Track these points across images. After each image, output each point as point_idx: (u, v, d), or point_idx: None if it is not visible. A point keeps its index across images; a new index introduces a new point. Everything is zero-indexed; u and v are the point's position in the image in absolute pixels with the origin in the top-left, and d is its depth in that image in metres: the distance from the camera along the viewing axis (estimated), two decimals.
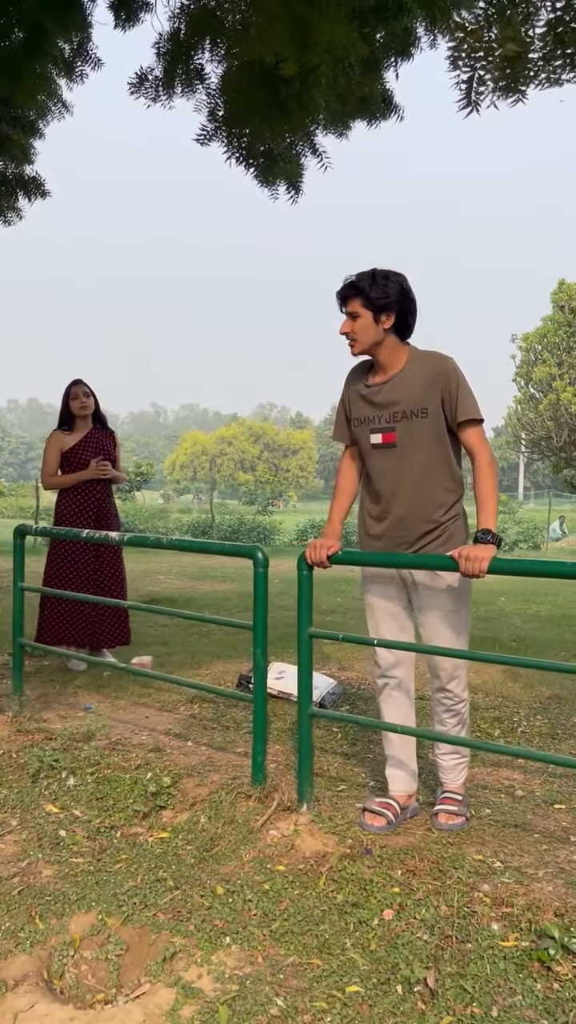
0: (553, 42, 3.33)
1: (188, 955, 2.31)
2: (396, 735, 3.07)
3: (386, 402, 2.85)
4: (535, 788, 3.43)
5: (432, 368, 2.81)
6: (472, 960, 2.27)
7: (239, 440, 66.47)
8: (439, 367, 2.81)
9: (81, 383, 5.38)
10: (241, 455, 65.13)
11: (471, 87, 3.72)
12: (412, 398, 2.81)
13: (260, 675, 3.26)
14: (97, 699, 4.74)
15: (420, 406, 2.79)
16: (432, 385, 2.78)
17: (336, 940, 2.40)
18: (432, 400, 2.78)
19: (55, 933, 2.41)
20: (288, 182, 6.78)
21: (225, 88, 5.72)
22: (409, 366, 2.84)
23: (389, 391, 2.85)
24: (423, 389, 2.79)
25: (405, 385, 2.82)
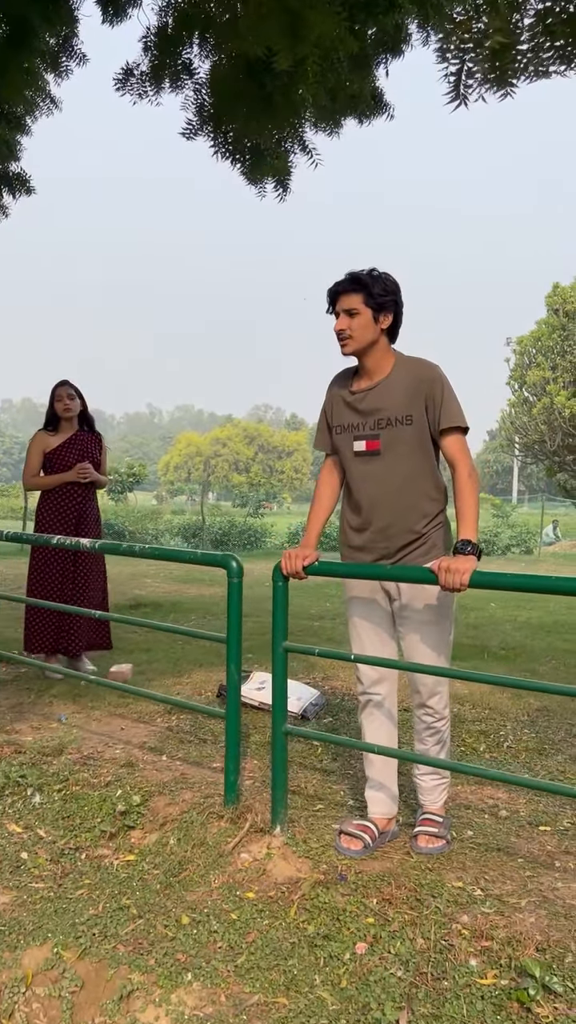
0: (542, 33, 3.20)
1: (146, 993, 2.18)
2: (377, 757, 2.94)
3: (371, 409, 2.73)
4: (520, 808, 3.30)
5: (418, 375, 2.69)
6: (448, 1000, 2.14)
7: (234, 441, 66.33)
8: (425, 374, 2.69)
9: (66, 384, 5.25)
10: (236, 456, 64.98)
11: (459, 80, 3.59)
12: (397, 405, 2.69)
13: (233, 690, 3.12)
14: (73, 709, 4.60)
15: (405, 413, 2.67)
16: (417, 392, 2.67)
17: (305, 976, 2.26)
18: (417, 407, 2.67)
19: (6, 968, 2.27)
20: (276, 179, 6.65)
21: (212, 83, 5.59)
22: (395, 372, 2.72)
23: (374, 398, 2.73)
24: (408, 396, 2.68)
25: (391, 392, 2.70)
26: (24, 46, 6.18)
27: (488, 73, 3.45)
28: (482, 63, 3.54)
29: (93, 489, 5.41)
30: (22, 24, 6.02)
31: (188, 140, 5.89)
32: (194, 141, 5.93)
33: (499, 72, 3.41)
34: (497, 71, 3.40)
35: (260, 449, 67.29)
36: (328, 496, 2.98)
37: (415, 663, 2.75)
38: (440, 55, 3.61)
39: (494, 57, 3.33)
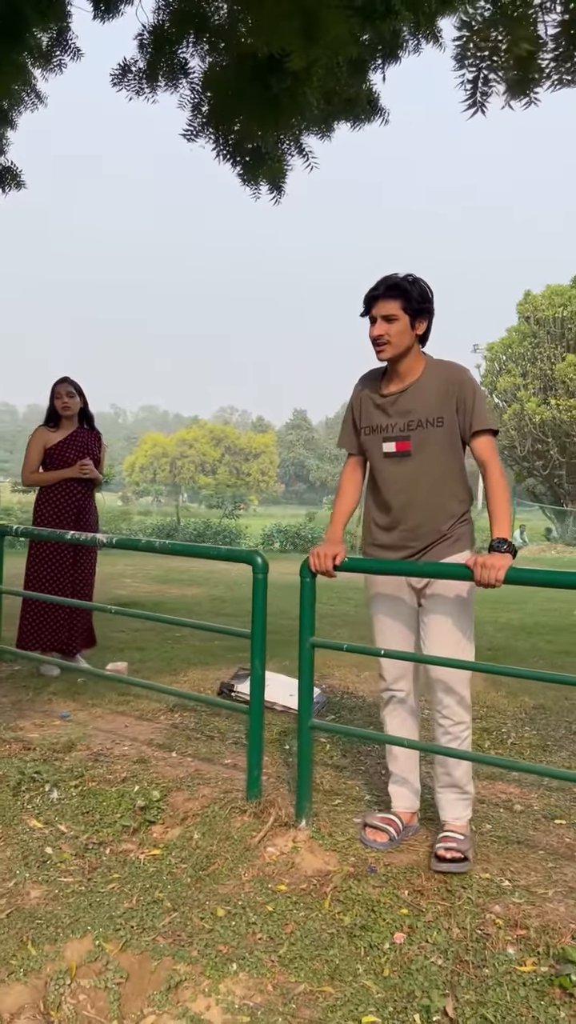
0: (567, 43, 3.27)
1: (194, 984, 2.19)
2: (400, 751, 2.97)
3: (402, 411, 2.78)
4: (532, 802, 3.36)
5: (448, 377, 2.75)
6: (490, 987, 2.18)
7: (200, 443, 66.09)
8: (455, 377, 2.75)
9: (67, 382, 5.23)
10: (202, 458, 64.76)
11: (476, 87, 3.65)
12: (429, 407, 2.73)
13: (257, 685, 3.14)
14: (73, 707, 4.58)
15: (436, 415, 2.72)
16: (448, 394, 2.72)
17: (347, 966, 2.29)
18: (448, 409, 2.72)
19: (49, 960, 2.27)
20: (271, 182, 6.68)
21: (213, 83, 5.60)
22: (426, 375, 2.77)
23: (406, 400, 2.77)
24: (440, 398, 2.73)
25: (422, 394, 2.75)
26: (17, 40, 6.15)
27: (510, 82, 3.50)
28: (501, 71, 3.60)
29: (92, 486, 5.40)
30: (15, 18, 5.99)
31: (189, 141, 5.89)
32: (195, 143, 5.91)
33: (519, 81, 3.47)
34: (519, 80, 3.46)
35: (227, 451, 67.16)
36: (352, 494, 3.02)
37: (440, 656, 2.77)
38: (458, 61, 3.65)
39: (519, 65, 3.39)
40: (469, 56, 3.70)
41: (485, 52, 3.71)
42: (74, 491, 5.25)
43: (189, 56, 6.18)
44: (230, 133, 5.82)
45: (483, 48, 3.67)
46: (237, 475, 63.37)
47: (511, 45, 3.37)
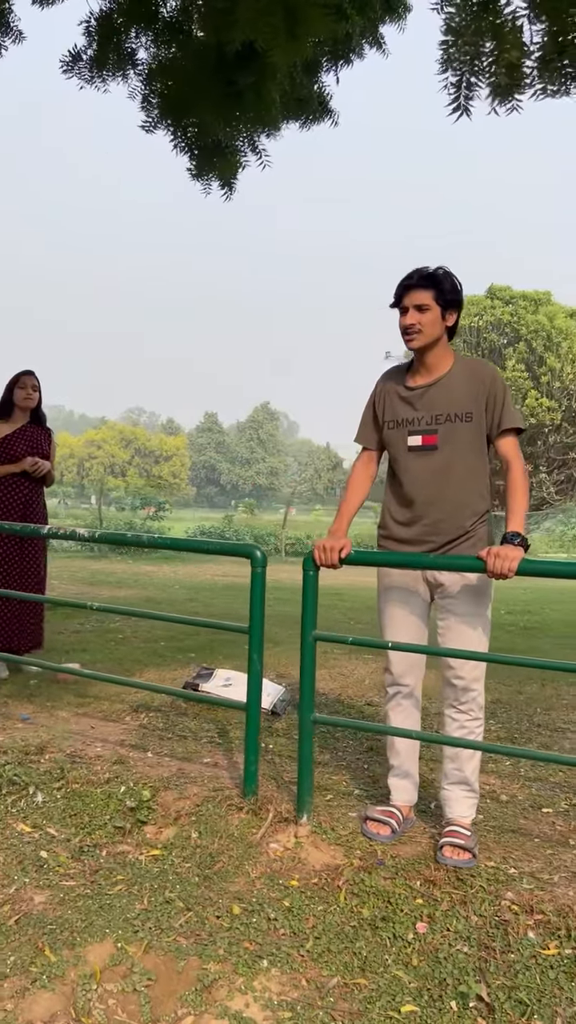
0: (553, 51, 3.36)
1: (228, 982, 2.15)
2: (402, 745, 2.98)
3: (430, 404, 2.79)
4: (516, 792, 3.44)
5: (478, 373, 2.78)
6: (519, 971, 2.21)
7: (109, 444, 65.07)
8: (487, 373, 2.78)
9: (32, 374, 5.07)
10: (111, 460, 63.75)
11: (460, 90, 3.71)
12: (458, 401, 2.75)
13: (255, 680, 3.11)
14: (31, 709, 4.43)
15: (465, 410, 2.74)
16: (479, 390, 2.75)
17: (376, 957, 2.29)
18: (477, 405, 2.74)
19: (71, 965, 2.18)
20: (222, 178, 6.64)
21: (172, 75, 5.53)
22: (455, 369, 2.79)
23: (435, 393, 2.78)
24: (470, 393, 2.75)
25: (451, 388, 2.77)
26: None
27: (495, 86, 3.58)
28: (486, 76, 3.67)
29: (41, 483, 5.24)
30: None
31: (148, 133, 5.80)
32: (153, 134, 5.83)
33: (505, 87, 3.55)
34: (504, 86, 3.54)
35: (137, 453, 66.32)
36: (362, 489, 3.02)
37: (453, 648, 2.79)
38: (442, 65, 3.71)
39: (504, 72, 3.46)
40: (453, 60, 3.77)
41: (467, 56, 3.79)
42: (21, 486, 5.08)
43: (138, 46, 6.10)
44: (189, 126, 5.76)
45: (467, 53, 3.74)
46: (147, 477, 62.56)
47: (501, 52, 3.44)
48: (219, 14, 4.53)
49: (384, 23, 6.21)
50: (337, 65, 6.38)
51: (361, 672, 5.68)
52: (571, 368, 18.85)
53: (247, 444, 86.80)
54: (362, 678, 5.51)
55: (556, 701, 5.06)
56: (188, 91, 5.50)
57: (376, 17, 6.09)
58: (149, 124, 5.76)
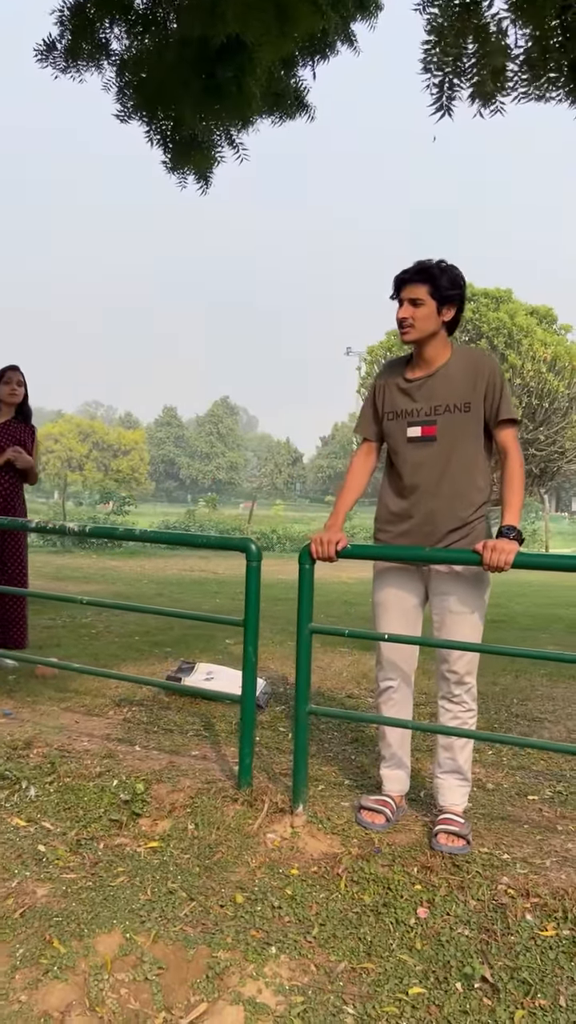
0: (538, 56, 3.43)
1: (239, 969, 2.18)
2: (394, 736, 3.03)
3: (428, 395, 2.82)
4: (501, 781, 3.52)
5: (477, 364, 2.81)
6: (520, 952, 2.28)
7: (66, 438, 64.33)
8: (486, 363, 2.81)
9: (17, 370, 5.03)
10: (69, 453, 63.06)
11: (442, 91, 3.77)
12: (456, 392, 2.79)
13: (250, 672, 3.13)
14: (11, 704, 4.40)
15: (464, 400, 2.78)
16: (478, 380, 2.78)
17: (380, 942, 2.34)
18: (476, 395, 2.78)
19: (81, 956, 2.19)
20: (198, 172, 6.63)
21: (150, 67, 5.50)
22: (453, 360, 2.83)
23: (433, 384, 2.82)
24: (468, 384, 2.79)
25: (450, 379, 2.81)
26: None
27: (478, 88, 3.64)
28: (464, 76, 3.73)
29: (20, 479, 5.20)
30: None
31: (122, 123, 5.77)
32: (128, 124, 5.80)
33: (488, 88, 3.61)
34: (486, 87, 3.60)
35: (95, 447, 65.68)
36: (361, 482, 3.05)
37: (448, 640, 2.85)
38: (424, 65, 3.76)
39: (492, 77, 3.52)
40: (435, 61, 3.82)
41: (450, 58, 3.84)
42: (3, 481, 5.04)
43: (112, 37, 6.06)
44: (166, 118, 5.74)
45: (449, 54, 3.80)
46: (106, 472, 62.04)
47: (485, 57, 3.50)
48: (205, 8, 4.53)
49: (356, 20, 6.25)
50: (314, 61, 6.40)
51: (339, 665, 5.73)
52: (532, 365, 19.10)
53: (206, 438, 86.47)
54: (340, 671, 5.57)
55: (531, 692, 5.17)
56: (165, 83, 5.48)
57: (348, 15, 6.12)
58: (123, 114, 5.74)
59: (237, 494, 75.62)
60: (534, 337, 19.49)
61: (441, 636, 2.88)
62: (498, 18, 3.59)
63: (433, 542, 2.84)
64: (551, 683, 5.46)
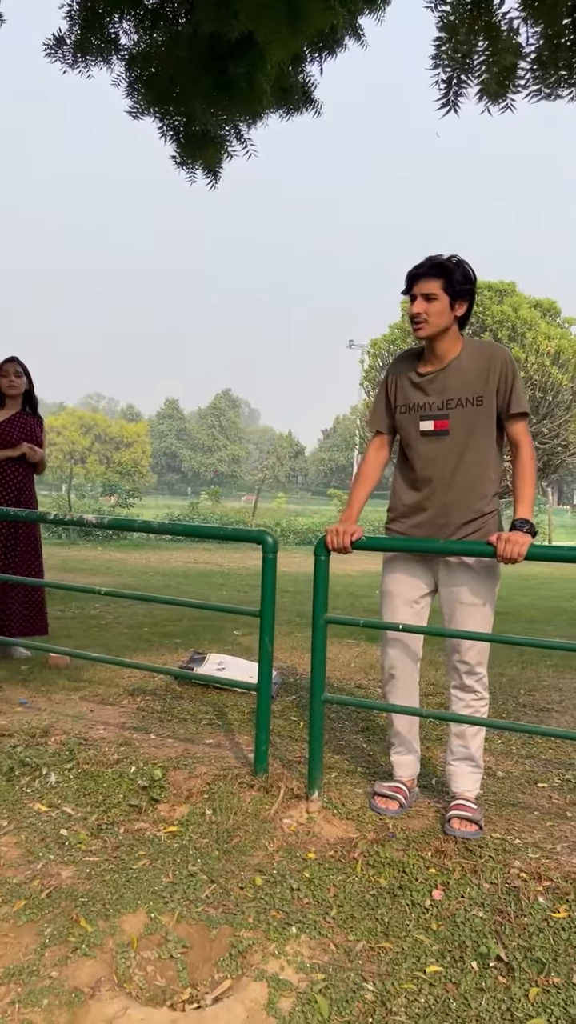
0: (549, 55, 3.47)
1: (262, 947, 2.24)
2: (402, 724, 3.10)
3: (441, 389, 2.87)
4: (511, 769, 3.58)
5: (490, 357, 2.85)
6: (533, 933, 2.34)
7: (68, 430, 64.35)
8: (498, 356, 2.85)
9: (14, 361, 5.08)
10: (71, 446, 63.11)
11: (450, 87, 3.81)
12: (469, 386, 2.83)
13: (266, 661, 3.20)
14: (27, 694, 4.47)
15: (476, 394, 2.82)
16: (490, 373, 2.82)
17: (397, 923, 2.40)
18: (489, 389, 2.82)
19: (108, 935, 2.26)
20: (207, 166, 6.67)
21: (162, 62, 5.54)
22: (465, 354, 2.87)
23: (445, 378, 2.86)
24: (480, 377, 2.83)
25: (462, 373, 2.85)
26: None
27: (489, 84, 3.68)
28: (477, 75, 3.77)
29: (32, 470, 5.27)
30: None
31: (135, 119, 5.81)
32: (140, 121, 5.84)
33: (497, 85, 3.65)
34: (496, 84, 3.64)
35: (97, 439, 65.72)
36: (374, 474, 3.11)
37: (457, 630, 2.91)
38: (433, 61, 3.80)
39: (502, 75, 3.56)
40: (444, 57, 3.86)
41: (459, 55, 3.88)
42: (16, 473, 5.11)
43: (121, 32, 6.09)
44: (178, 114, 5.78)
45: (459, 51, 3.84)
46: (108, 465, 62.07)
47: (496, 55, 3.54)
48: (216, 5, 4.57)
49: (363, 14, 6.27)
50: (322, 56, 6.43)
51: (347, 656, 5.80)
52: (535, 358, 19.13)
53: (208, 431, 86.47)
54: (348, 661, 5.63)
55: (537, 683, 5.23)
56: (177, 79, 5.52)
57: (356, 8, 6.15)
58: (136, 111, 5.77)
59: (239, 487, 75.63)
60: (538, 330, 19.51)
61: (452, 627, 2.93)
62: (509, 16, 3.62)
63: (447, 534, 2.90)
64: (557, 674, 5.53)
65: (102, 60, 6.11)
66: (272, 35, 4.00)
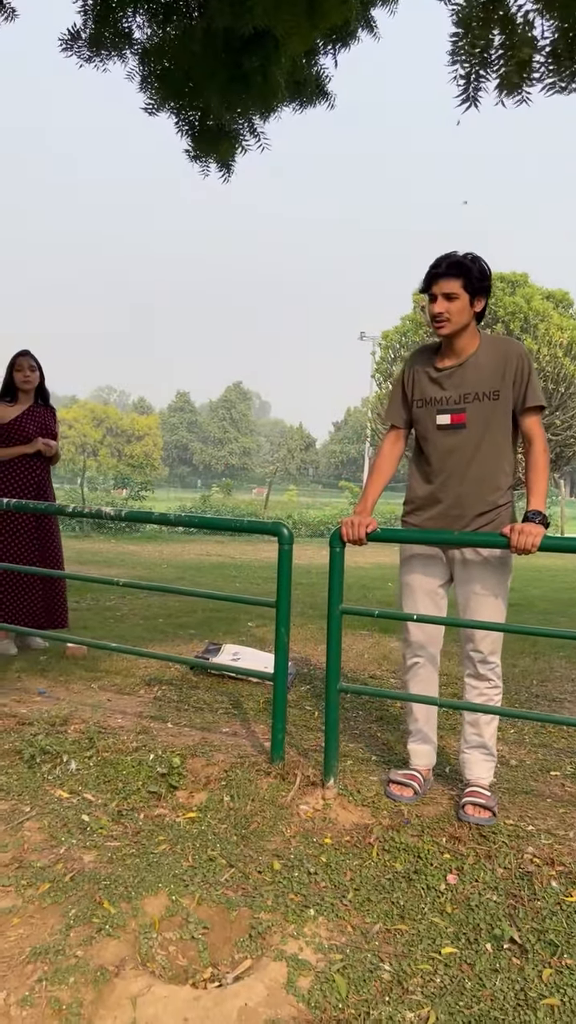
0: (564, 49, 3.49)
1: (281, 929, 2.30)
2: (421, 712, 3.14)
3: (458, 384, 2.91)
4: (524, 758, 3.63)
5: (505, 352, 2.89)
6: (546, 916, 2.39)
7: (80, 423, 64.57)
8: (514, 351, 2.89)
9: (28, 355, 5.13)
10: (83, 439, 63.31)
11: (469, 82, 3.82)
12: (485, 380, 2.88)
13: (282, 651, 3.25)
14: (46, 683, 4.54)
15: (492, 388, 2.86)
16: (506, 368, 2.86)
17: (413, 906, 2.45)
18: (505, 383, 2.86)
19: (131, 916, 2.32)
20: (221, 160, 6.69)
21: (178, 56, 5.56)
22: (482, 349, 2.91)
23: (462, 373, 2.91)
24: (497, 372, 2.87)
25: (479, 367, 2.89)
26: None
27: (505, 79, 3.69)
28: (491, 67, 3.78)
29: (49, 463, 5.33)
30: None
31: (150, 115, 5.84)
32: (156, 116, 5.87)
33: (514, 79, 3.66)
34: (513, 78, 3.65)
35: (108, 432, 65.92)
36: (389, 467, 3.15)
37: (475, 620, 2.95)
38: (451, 56, 3.82)
39: (518, 69, 3.57)
40: (462, 52, 3.88)
41: (476, 49, 3.89)
42: (35, 467, 5.17)
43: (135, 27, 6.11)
44: (193, 108, 5.81)
45: (476, 45, 3.85)
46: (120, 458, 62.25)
47: (511, 49, 3.56)
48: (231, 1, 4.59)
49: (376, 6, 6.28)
50: (336, 48, 6.44)
51: (360, 647, 5.84)
52: (548, 350, 19.09)
53: (219, 424, 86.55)
54: (361, 652, 5.68)
55: (550, 673, 5.27)
56: (192, 73, 5.55)
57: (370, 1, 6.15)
58: (151, 106, 5.80)
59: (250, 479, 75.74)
60: (550, 322, 19.46)
61: (466, 617, 2.98)
62: (524, 10, 3.63)
63: (461, 526, 2.94)
64: (570, 664, 5.56)
65: (116, 54, 6.14)
66: (290, 29, 4.02)
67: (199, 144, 6.45)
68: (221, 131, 5.93)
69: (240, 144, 6.52)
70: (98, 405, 76.15)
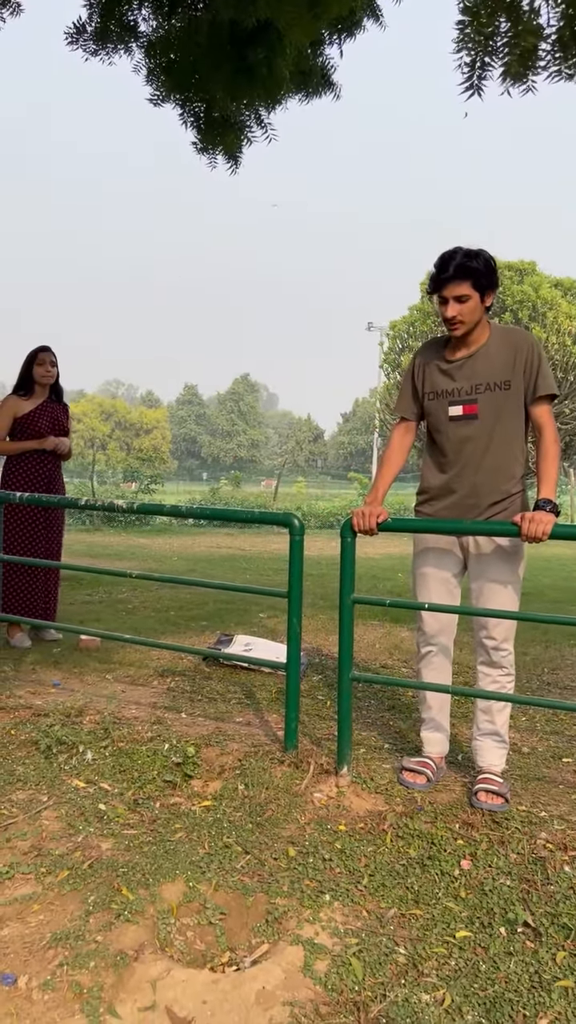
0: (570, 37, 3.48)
1: (297, 914, 2.33)
2: (434, 700, 3.17)
3: (469, 375, 2.92)
4: (536, 745, 3.65)
5: (516, 342, 2.90)
6: (559, 900, 2.41)
7: (89, 417, 64.71)
8: (524, 341, 2.90)
9: (49, 350, 5.18)
10: (91, 433, 63.44)
11: (473, 70, 3.82)
12: (496, 370, 2.89)
13: (294, 640, 3.27)
14: (60, 675, 4.58)
15: (503, 379, 2.88)
16: (516, 358, 2.88)
17: (427, 891, 2.48)
18: (516, 373, 2.88)
19: (149, 903, 2.35)
20: (227, 152, 6.69)
21: (183, 49, 5.57)
22: (492, 340, 2.92)
23: (473, 365, 2.92)
24: (507, 362, 2.88)
25: (489, 358, 2.90)
26: None
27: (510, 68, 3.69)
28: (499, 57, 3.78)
29: (60, 458, 5.37)
30: None
31: (156, 106, 5.85)
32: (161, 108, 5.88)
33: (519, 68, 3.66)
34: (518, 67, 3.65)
35: (117, 426, 66.05)
36: (399, 458, 3.17)
37: (488, 608, 2.97)
38: (456, 45, 3.81)
39: (523, 58, 3.57)
40: (468, 40, 3.87)
41: (482, 37, 3.89)
42: (45, 462, 5.22)
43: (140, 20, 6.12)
44: (198, 100, 5.81)
45: (482, 33, 3.84)
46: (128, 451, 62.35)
47: (517, 37, 3.55)
48: None
49: None
50: (341, 38, 6.42)
51: (371, 637, 5.87)
52: (556, 338, 19.03)
53: (227, 416, 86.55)
54: (372, 642, 5.70)
55: (561, 661, 5.28)
56: (197, 65, 5.55)
57: None
58: (157, 98, 5.81)
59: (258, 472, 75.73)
60: (559, 310, 19.38)
61: (479, 605, 3.00)
62: None
63: (476, 515, 2.96)
64: None
65: (122, 47, 6.15)
66: (292, 21, 4.02)
67: (206, 136, 6.46)
68: (227, 123, 5.93)
69: (247, 135, 6.53)
70: (106, 399, 76.27)
